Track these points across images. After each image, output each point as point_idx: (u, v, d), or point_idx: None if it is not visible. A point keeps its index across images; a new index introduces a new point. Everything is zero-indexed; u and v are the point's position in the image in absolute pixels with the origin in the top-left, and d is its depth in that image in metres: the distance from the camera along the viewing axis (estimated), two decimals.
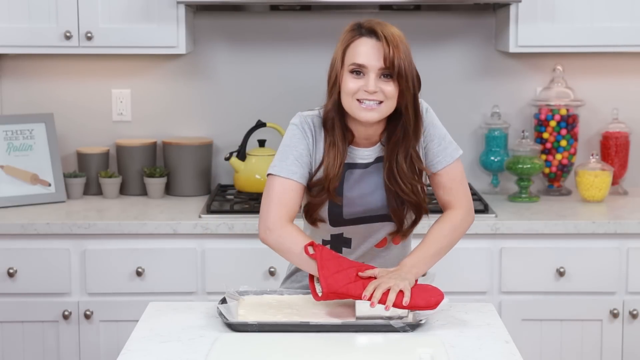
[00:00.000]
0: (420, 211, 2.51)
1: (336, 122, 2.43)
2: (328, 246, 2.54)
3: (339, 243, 2.54)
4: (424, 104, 2.49)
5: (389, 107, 2.39)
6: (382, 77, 2.37)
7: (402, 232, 2.53)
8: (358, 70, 2.37)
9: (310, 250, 2.38)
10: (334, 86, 2.41)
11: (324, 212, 2.49)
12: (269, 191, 2.44)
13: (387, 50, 2.35)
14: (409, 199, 2.47)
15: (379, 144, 2.48)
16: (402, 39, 2.40)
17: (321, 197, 2.46)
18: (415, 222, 2.54)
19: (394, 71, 2.36)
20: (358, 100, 2.37)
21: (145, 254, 3.42)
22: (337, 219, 2.50)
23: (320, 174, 2.45)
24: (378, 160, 2.48)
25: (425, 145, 2.50)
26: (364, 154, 2.48)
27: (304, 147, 2.45)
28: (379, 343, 2.27)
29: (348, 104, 2.39)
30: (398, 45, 2.37)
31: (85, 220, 3.42)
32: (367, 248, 2.55)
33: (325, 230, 2.53)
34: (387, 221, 2.52)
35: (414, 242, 2.57)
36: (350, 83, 2.37)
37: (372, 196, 2.49)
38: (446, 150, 2.51)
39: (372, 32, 2.38)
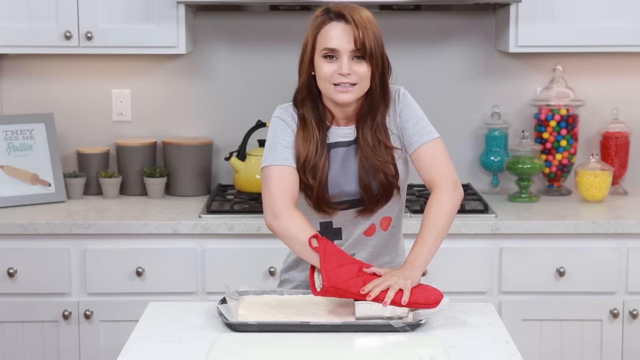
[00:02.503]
0: (388, 189, 2.51)
1: (307, 105, 2.51)
2: None
3: (329, 234, 2.56)
4: (402, 89, 2.56)
5: (362, 87, 2.47)
6: (354, 58, 2.44)
7: (369, 209, 2.54)
8: (331, 55, 2.44)
9: (314, 242, 2.39)
10: (302, 69, 2.50)
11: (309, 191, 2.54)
12: (267, 181, 2.49)
13: (357, 33, 2.42)
14: (377, 175, 2.49)
15: (355, 123, 2.54)
16: (371, 20, 2.46)
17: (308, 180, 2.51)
18: (382, 199, 2.53)
19: (365, 52, 2.43)
20: (334, 84, 2.44)
21: (145, 254, 3.42)
22: (326, 198, 2.52)
23: (311, 153, 2.50)
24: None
25: (402, 126, 2.53)
26: (344, 132, 2.53)
27: (289, 134, 2.52)
28: (379, 343, 2.27)
29: (325, 88, 2.47)
30: (367, 27, 2.43)
31: (85, 220, 3.42)
32: (357, 236, 2.58)
33: (315, 219, 2.55)
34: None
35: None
36: (325, 67, 2.44)
37: (352, 177, 2.52)
38: (423, 130, 2.53)
39: (340, 16, 2.44)
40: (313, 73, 2.49)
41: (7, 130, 3.76)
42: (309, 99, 2.52)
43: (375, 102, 2.50)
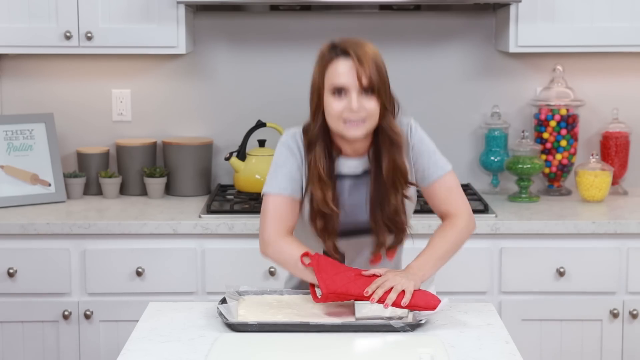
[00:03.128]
0: (400, 231, 2.52)
1: (319, 145, 2.48)
2: None
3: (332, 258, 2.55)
4: (410, 121, 2.54)
5: (372, 122, 2.44)
6: (362, 94, 2.42)
7: (385, 247, 2.53)
8: (339, 91, 2.42)
9: (306, 260, 2.40)
10: (318, 107, 2.47)
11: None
12: (264, 209, 2.54)
13: (360, 70, 2.40)
14: (390, 214, 2.48)
15: (366, 155, 2.52)
16: (376, 55, 2.44)
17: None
18: (397, 241, 2.54)
19: (373, 88, 2.41)
20: (344, 121, 2.42)
21: (145, 254, 3.42)
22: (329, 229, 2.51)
23: (328, 195, 2.48)
24: (367, 173, 2.52)
25: (414, 161, 2.53)
26: (352, 165, 2.52)
27: (292, 163, 2.51)
28: (379, 343, 2.27)
29: (334, 124, 2.45)
30: (372, 63, 2.41)
31: (85, 220, 3.42)
32: (361, 264, 2.57)
33: (319, 243, 2.55)
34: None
35: (419, 243, 2.56)
36: (334, 105, 2.42)
37: (362, 208, 2.52)
38: (437, 164, 2.54)
39: (346, 53, 2.43)
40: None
41: (7, 130, 3.76)
42: (323, 137, 2.49)
43: (390, 137, 2.46)
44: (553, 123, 3.85)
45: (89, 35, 3.59)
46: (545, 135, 3.87)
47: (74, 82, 3.96)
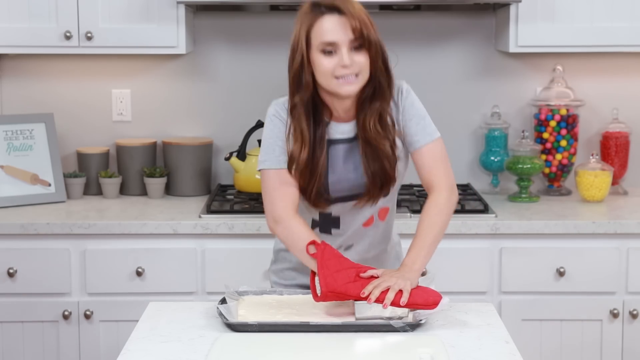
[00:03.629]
0: (391, 175, 2.50)
1: (303, 107, 2.45)
2: (317, 229, 2.58)
3: (328, 223, 2.57)
4: (404, 85, 2.54)
5: (364, 76, 2.43)
6: (352, 49, 2.40)
7: (373, 199, 2.53)
8: (329, 49, 2.40)
9: (312, 249, 2.39)
10: (302, 70, 2.43)
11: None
12: (267, 185, 2.50)
13: (353, 22, 2.39)
14: (380, 162, 2.47)
15: (356, 119, 2.51)
16: (363, 9, 2.43)
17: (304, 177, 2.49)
18: (385, 186, 2.52)
19: (363, 41, 2.40)
20: (336, 77, 2.40)
21: (145, 254, 3.42)
22: (323, 195, 2.51)
23: (303, 155, 2.47)
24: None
25: (404, 124, 2.52)
26: (344, 129, 2.51)
27: (285, 134, 2.49)
28: (379, 343, 2.27)
29: (326, 82, 2.42)
30: (361, 16, 2.40)
31: (85, 220, 3.42)
32: (355, 227, 2.58)
33: (314, 209, 2.55)
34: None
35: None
36: (324, 62, 2.40)
37: (357, 172, 2.51)
38: (425, 130, 2.52)
39: (333, 8, 2.41)
40: (311, 71, 2.44)
41: (7, 130, 3.76)
42: (308, 99, 2.46)
43: (377, 90, 2.46)
44: (553, 123, 3.85)
45: (89, 35, 3.59)
46: (545, 135, 3.87)
47: (74, 82, 3.96)
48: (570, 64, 3.93)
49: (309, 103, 2.47)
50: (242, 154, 3.76)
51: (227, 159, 3.75)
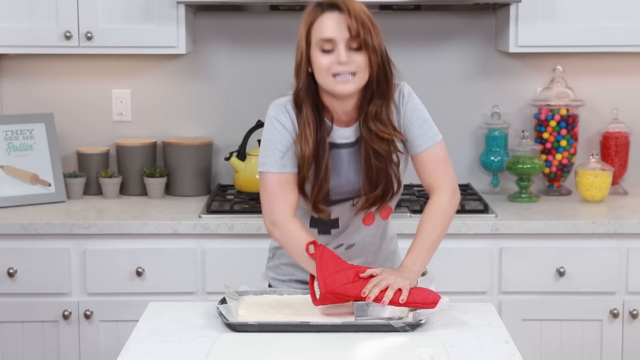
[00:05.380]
0: (389, 186, 2.49)
1: (306, 103, 2.46)
2: (316, 229, 2.57)
3: (327, 225, 2.56)
4: (406, 87, 2.53)
5: (362, 77, 2.41)
6: (350, 49, 2.39)
7: (371, 205, 2.51)
8: (327, 47, 2.39)
9: (311, 249, 2.39)
10: (301, 66, 2.45)
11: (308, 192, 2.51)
12: (266, 188, 2.51)
13: (350, 21, 2.38)
14: (382, 167, 2.46)
15: (357, 123, 2.49)
16: (365, 10, 2.42)
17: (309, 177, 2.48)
18: (385, 194, 2.50)
19: (360, 40, 2.39)
20: (333, 75, 2.39)
21: (145, 254, 3.42)
22: (325, 199, 2.51)
23: (308, 151, 2.46)
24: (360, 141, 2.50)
25: (406, 128, 2.51)
26: (345, 134, 2.50)
27: (286, 137, 2.47)
28: (379, 343, 2.27)
29: (323, 80, 2.41)
30: (360, 15, 2.39)
31: (85, 220, 3.42)
32: (356, 225, 2.57)
33: (315, 213, 2.54)
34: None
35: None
36: (322, 59, 2.40)
37: (359, 176, 2.50)
38: (427, 133, 2.51)
39: (333, 6, 2.41)
40: (310, 70, 2.44)
41: (7, 130, 3.76)
42: (309, 99, 2.46)
43: (377, 94, 2.45)
44: (553, 123, 3.85)
45: (89, 35, 3.59)
46: (545, 135, 3.87)
47: (74, 82, 3.96)
48: (570, 64, 3.93)
49: (315, 105, 2.47)
50: (242, 154, 3.76)
51: (227, 159, 3.75)
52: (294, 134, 2.48)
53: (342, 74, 2.39)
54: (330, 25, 2.39)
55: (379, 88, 2.45)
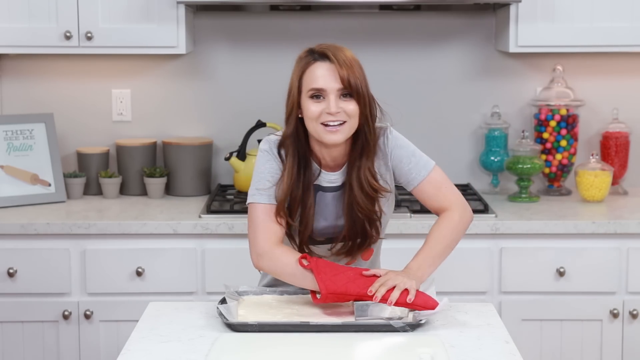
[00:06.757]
0: (368, 237, 2.51)
1: (291, 151, 2.46)
2: None
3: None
4: (388, 128, 2.53)
5: (351, 126, 2.43)
6: (341, 97, 2.41)
7: (348, 252, 2.53)
8: (318, 95, 2.41)
9: (305, 262, 2.39)
10: (291, 114, 2.46)
11: (294, 232, 2.52)
12: (253, 219, 2.49)
13: (342, 72, 2.40)
14: (362, 217, 2.47)
15: (344, 167, 2.51)
16: (355, 60, 2.44)
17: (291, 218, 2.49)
18: (365, 241, 2.52)
19: (352, 90, 2.40)
20: (323, 124, 2.41)
21: (145, 254, 3.42)
22: (308, 241, 2.52)
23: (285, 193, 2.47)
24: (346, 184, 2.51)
25: (395, 168, 2.53)
26: (331, 178, 2.51)
27: (277, 170, 2.49)
28: (379, 343, 2.27)
29: (313, 128, 2.43)
30: (352, 66, 2.41)
31: (85, 220, 3.42)
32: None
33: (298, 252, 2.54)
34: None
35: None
36: (312, 107, 2.41)
37: (341, 220, 2.52)
38: (418, 165, 2.53)
39: (324, 56, 2.43)
40: (300, 115, 2.45)
41: (7, 130, 3.76)
42: (294, 147, 2.47)
43: (364, 144, 2.46)
44: (553, 123, 3.85)
45: (89, 35, 3.59)
46: (545, 135, 3.87)
47: (74, 82, 3.96)
48: (570, 64, 3.93)
49: (302, 149, 2.47)
50: (242, 154, 3.76)
51: (227, 159, 3.75)
52: (282, 167, 2.49)
53: (332, 124, 2.40)
54: (321, 75, 2.41)
55: (366, 140, 2.45)
